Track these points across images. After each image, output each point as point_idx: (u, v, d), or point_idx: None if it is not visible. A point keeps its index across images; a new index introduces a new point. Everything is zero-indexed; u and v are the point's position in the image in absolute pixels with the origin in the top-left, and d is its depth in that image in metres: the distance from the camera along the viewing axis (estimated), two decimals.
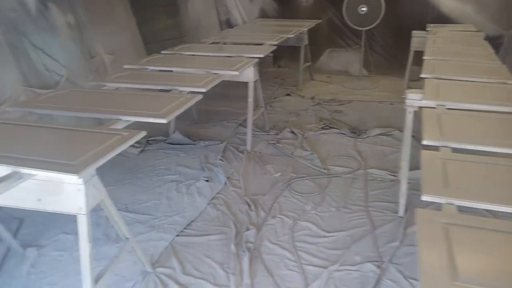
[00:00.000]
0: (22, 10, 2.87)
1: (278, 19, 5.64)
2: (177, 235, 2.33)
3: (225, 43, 4.03)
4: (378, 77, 5.50)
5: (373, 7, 4.75)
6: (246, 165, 3.12)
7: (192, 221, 2.46)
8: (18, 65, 2.88)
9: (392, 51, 5.42)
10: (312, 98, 4.75)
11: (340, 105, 4.51)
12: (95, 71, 3.66)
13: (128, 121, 1.95)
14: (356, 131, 3.71)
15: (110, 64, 3.86)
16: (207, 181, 2.91)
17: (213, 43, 3.98)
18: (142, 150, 3.44)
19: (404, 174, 2.38)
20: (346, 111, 4.32)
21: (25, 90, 2.90)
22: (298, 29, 4.45)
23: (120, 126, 1.91)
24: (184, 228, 2.39)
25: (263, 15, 5.96)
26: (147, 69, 2.90)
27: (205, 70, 2.83)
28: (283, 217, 2.48)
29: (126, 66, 2.93)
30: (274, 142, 3.52)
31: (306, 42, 4.96)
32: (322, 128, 3.82)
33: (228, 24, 6.03)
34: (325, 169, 3.06)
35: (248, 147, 3.37)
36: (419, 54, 3.54)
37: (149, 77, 2.73)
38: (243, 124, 4.00)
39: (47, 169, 1.39)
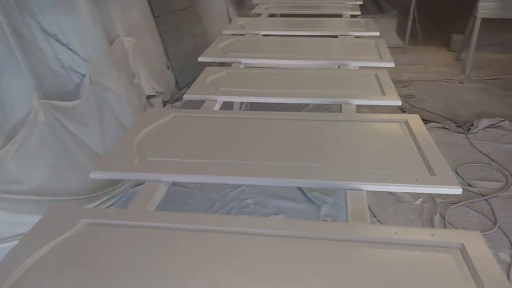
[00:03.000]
0: None
1: None
2: None
3: (286, 15, 3.00)
4: (417, 48, 4.78)
5: None
6: None
7: None
8: (27, 62, 1.75)
9: (436, 18, 4.70)
10: None
11: (404, 87, 3.74)
12: (116, 62, 2.54)
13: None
14: (461, 125, 2.97)
15: (132, 51, 2.75)
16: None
17: (270, 15, 2.95)
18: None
19: None
20: (419, 95, 3.57)
21: (43, 104, 1.80)
22: None
23: None
24: None
25: None
26: (239, 62, 1.89)
27: (334, 60, 1.88)
28: None
29: (201, 59, 1.90)
30: None
31: None
32: None
33: None
34: (470, 185, 2.31)
35: None
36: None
37: (264, 80, 1.70)
38: None
39: None
